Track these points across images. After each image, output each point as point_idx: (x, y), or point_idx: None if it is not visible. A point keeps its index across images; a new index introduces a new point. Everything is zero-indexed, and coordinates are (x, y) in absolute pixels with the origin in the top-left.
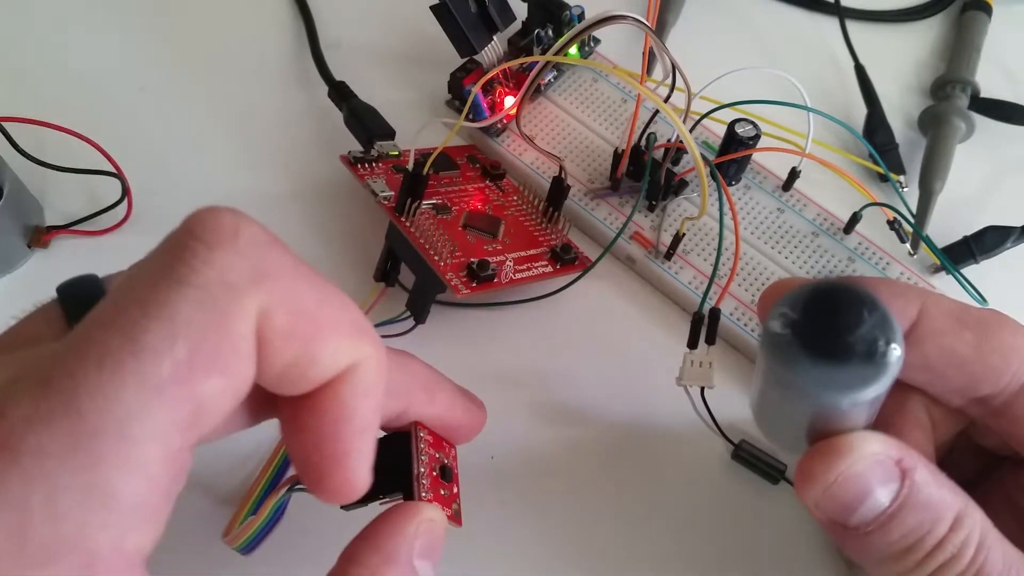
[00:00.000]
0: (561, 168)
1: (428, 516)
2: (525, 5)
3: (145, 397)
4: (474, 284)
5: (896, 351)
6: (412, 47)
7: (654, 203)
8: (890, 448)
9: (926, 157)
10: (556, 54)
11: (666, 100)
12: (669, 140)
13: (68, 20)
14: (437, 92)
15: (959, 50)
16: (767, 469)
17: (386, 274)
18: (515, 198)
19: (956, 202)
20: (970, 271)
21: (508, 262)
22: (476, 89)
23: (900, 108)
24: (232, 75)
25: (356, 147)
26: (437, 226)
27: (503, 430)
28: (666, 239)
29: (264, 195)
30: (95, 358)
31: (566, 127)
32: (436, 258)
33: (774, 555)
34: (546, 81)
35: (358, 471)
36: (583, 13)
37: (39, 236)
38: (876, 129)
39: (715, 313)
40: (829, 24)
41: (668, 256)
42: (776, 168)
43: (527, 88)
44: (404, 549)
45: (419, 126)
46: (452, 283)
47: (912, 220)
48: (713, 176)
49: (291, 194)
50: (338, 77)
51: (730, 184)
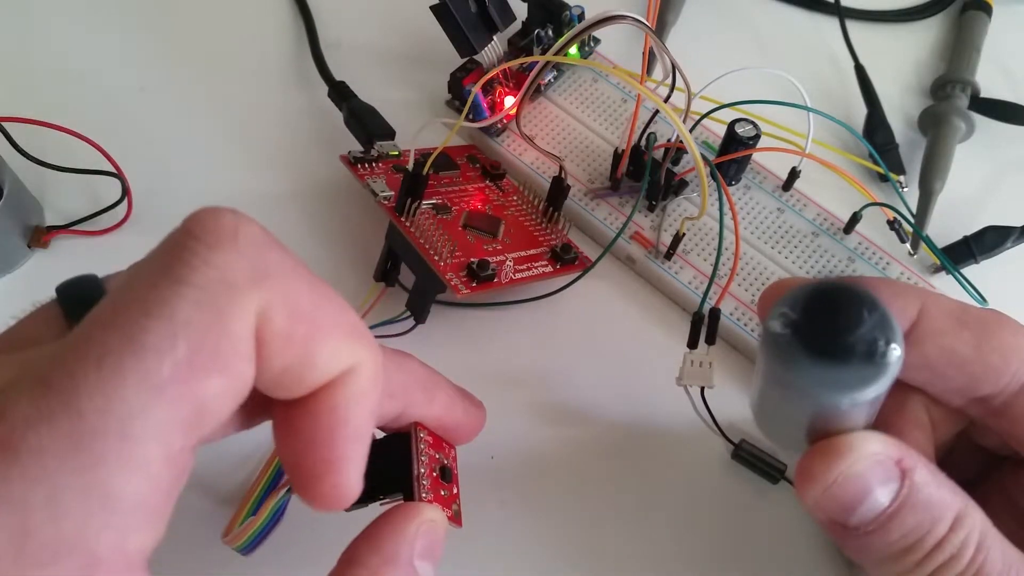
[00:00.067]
0: (561, 168)
1: (428, 517)
2: (525, 5)
3: (145, 397)
4: (474, 284)
5: (896, 351)
6: (412, 47)
7: (654, 203)
8: (890, 448)
9: (926, 157)
10: (556, 54)
11: (666, 100)
12: (669, 140)
13: (68, 20)
14: (437, 92)
15: (959, 50)
16: (767, 469)
17: (386, 274)
18: (515, 198)
19: (956, 202)
20: (970, 271)
21: (508, 262)
22: (476, 89)
23: (900, 108)
24: (232, 75)
25: (356, 147)
26: (437, 226)
27: (503, 430)
28: (666, 239)
29: (264, 195)
30: (95, 358)
31: (566, 127)
32: (436, 258)
33: (774, 555)
34: (546, 81)
35: (350, 477)
36: (583, 13)
37: (39, 236)
38: (876, 129)
39: (715, 313)
40: (829, 24)
41: (668, 256)
42: (776, 168)
43: (527, 88)
44: (404, 550)
45: (419, 126)
46: (452, 283)
47: (912, 220)
48: (713, 176)
49: (291, 194)
50: (338, 77)
51: (730, 184)
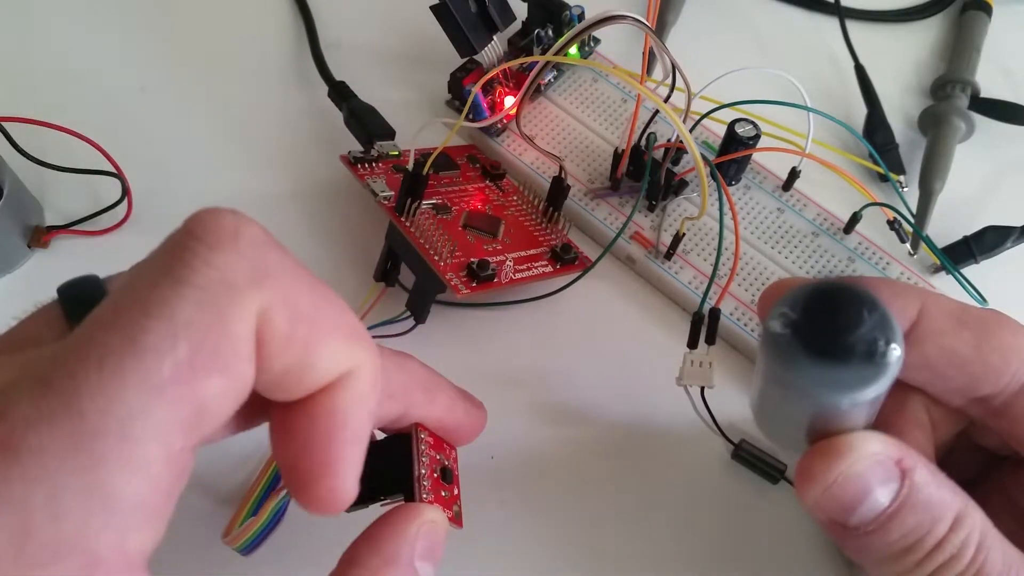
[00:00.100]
0: (561, 168)
1: (429, 518)
2: (525, 5)
3: (146, 397)
4: (474, 284)
5: (896, 351)
6: (412, 47)
7: (654, 203)
8: (890, 448)
9: (926, 157)
10: (556, 54)
11: (666, 100)
12: (669, 140)
13: (68, 20)
14: (437, 92)
15: (959, 50)
16: (767, 469)
17: (386, 274)
18: (515, 198)
19: (956, 202)
20: (970, 271)
21: (508, 262)
22: (476, 89)
23: (900, 108)
24: (232, 75)
25: (356, 147)
26: (437, 226)
27: (503, 430)
28: (666, 239)
29: (264, 195)
30: (96, 358)
31: (566, 127)
32: (436, 258)
33: (774, 555)
34: (546, 81)
35: (346, 481)
36: (583, 13)
37: (39, 236)
38: (876, 129)
39: (715, 313)
40: (829, 24)
41: (668, 256)
42: (776, 168)
43: (527, 88)
44: (405, 551)
45: (419, 126)
46: (452, 283)
47: (912, 220)
48: (713, 176)
49: (291, 194)
50: (338, 77)
51: (730, 184)
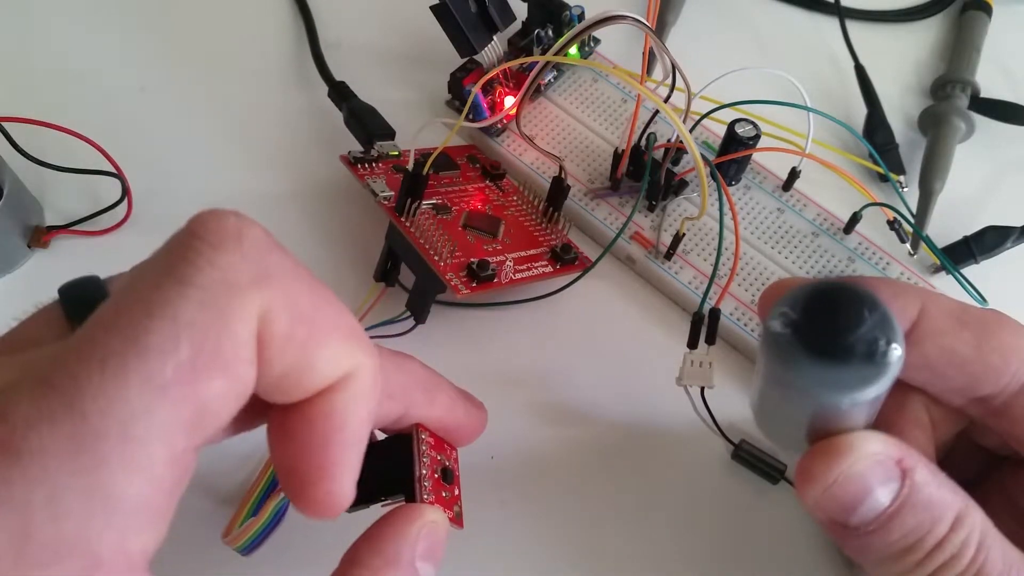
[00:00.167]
0: (561, 168)
1: (430, 518)
2: (525, 5)
3: (148, 398)
4: (474, 284)
5: (896, 351)
6: (412, 47)
7: (654, 203)
8: (890, 448)
9: (926, 157)
10: (556, 54)
11: (666, 100)
12: (669, 140)
13: (68, 20)
14: (437, 92)
15: (959, 50)
16: (767, 469)
17: (386, 274)
18: (515, 198)
19: (956, 202)
20: (970, 271)
21: (508, 262)
22: (476, 89)
23: (900, 108)
24: (232, 75)
25: (356, 147)
26: (437, 226)
27: (503, 430)
28: (666, 239)
29: (264, 195)
30: (98, 359)
31: (566, 127)
32: (436, 258)
33: (774, 555)
34: (546, 81)
35: (343, 484)
36: (583, 13)
37: (39, 236)
38: (876, 129)
39: (715, 313)
40: (829, 24)
41: (668, 256)
42: (776, 168)
43: (527, 88)
44: (406, 551)
45: (419, 126)
46: (452, 283)
47: (912, 220)
48: (713, 176)
49: (291, 194)
50: (338, 77)
51: (730, 184)
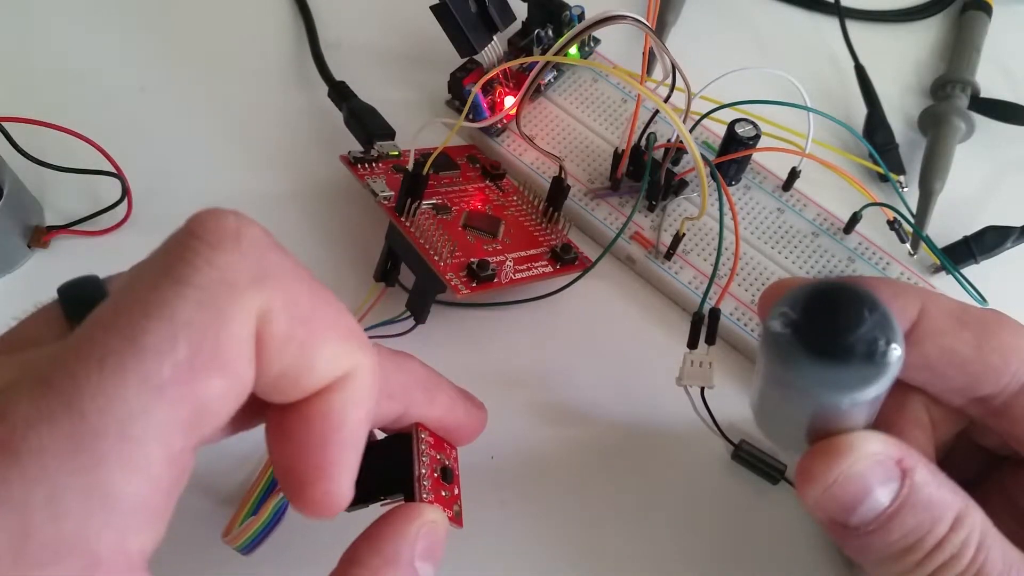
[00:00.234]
0: (561, 168)
1: (430, 518)
2: (525, 5)
3: (146, 397)
4: (474, 284)
5: (896, 351)
6: (412, 47)
7: (654, 203)
8: (890, 448)
9: (926, 157)
10: (556, 54)
11: (666, 100)
12: (669, 140)
13: (68, 20)
14: (437, 92)
15: (959, 50)
16: (767, 469)
17: (386, 274)
18: (515, 198)
19: (956, 202)
20: (970, 271)
21: (508, 262)
22: (476, 89)
23: (900, 108)
24: (232, 75)
25: (356, 147)
26: (437, 226)
27: (503, 430)
28: (666, 239)
29: (264, 195)
30: (96, 359)
31: (566, 127)
32: (436, 258)
33: (774, 555)
34: (546, 81)
35: (341, 484)
36: (583, 13)
37: (39, 236)
38: (876, 129)
39: (715, 313)
40: (829, 24)
41: (668, 256)
42: (776, 168)
43: (527, 88)
44: (405, 551)
45: (419, 126)
46: (452, 283)
47: (912, 220)
48: (713, 176)
49: (291, 194)
50: (338, 77)
51: (730, 184)
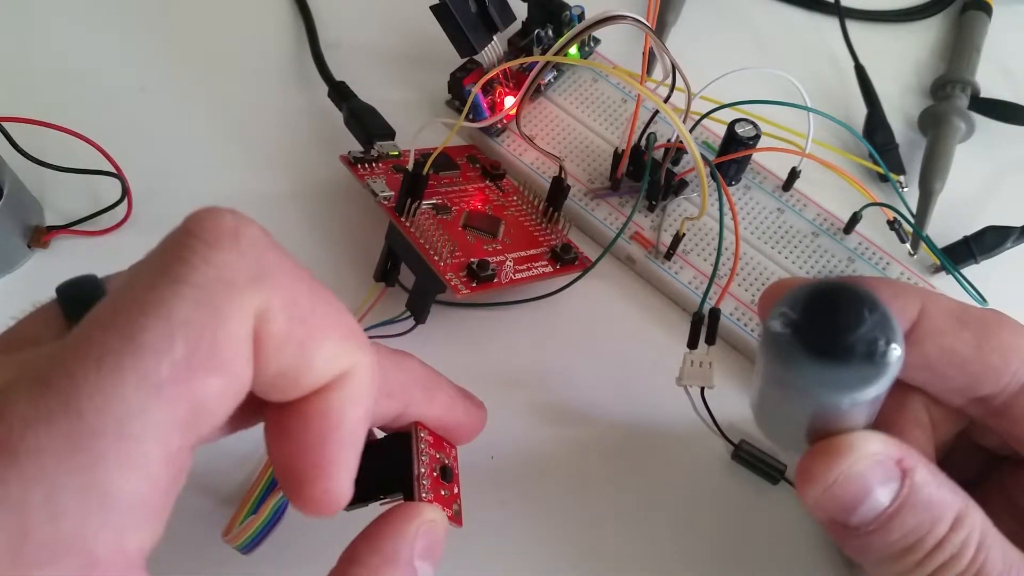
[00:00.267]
0: (561, 168)
1: (429, 517)
2: (525, 5)
3: (144, 396)
4: (474, 284)
5: (896, 351)
6: (412, 47)
7: (654, 203)
8: (890, 448)
9: (926, 157)
10: (556, 54)
11: (666, 100)
12: (669, 140)
13: (68, 20)
14: (437, 92)
15: (959, 50)
16: (767, 469)
17: (386, 274)
18: (515, 198)
19: (956, 202)
20: (970, 271)
21: (508, 262)
22: (476, 89)
23: (900, 108)
24: (232, 75)
25: (356, 147)
26: (437, 226)
27: (503, 430)
28: (666, 239)
29: (264, 195)
30: (94, 358)
31: (566, 127)
32: (436, 258)
33: (774, 555)
34: (546, 81)
35: (340, 483)
36: (583, 13)
37: (39, 236)
38: (876, 129)
39: (715, 313)
40: (829, 24)
41: (668, 256)
42: (776, 168)
43: (527, 88)
44: (404, 550)
45: (419, 126)
46: (452, 283)
47: (912, 220)
48: (713, 176)
49: (291, 194)
50: (338, 77)
51: (730, 184)
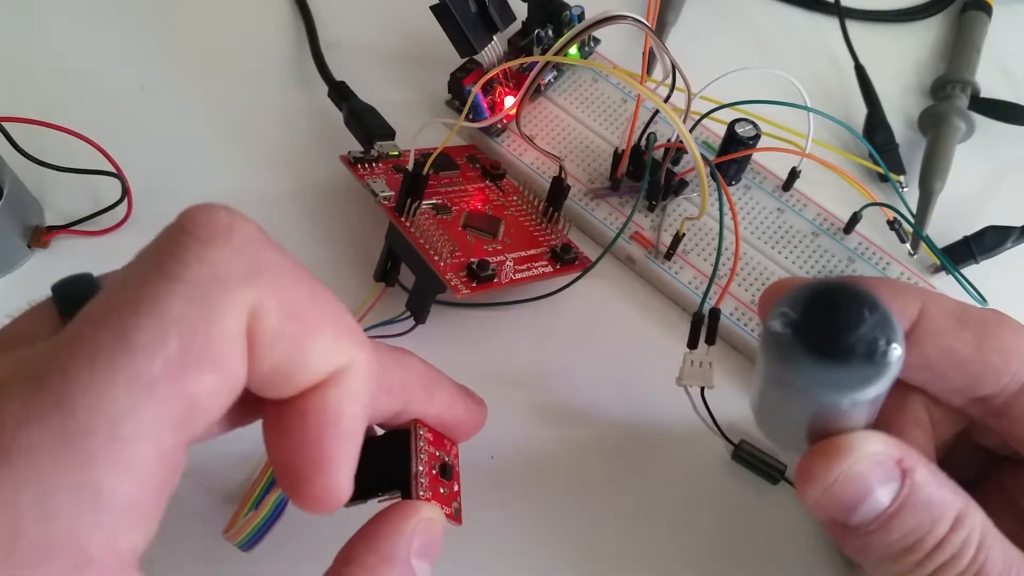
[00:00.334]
0: (561, 168)
1: (426, 515)
2: (525, 5)
3: (137, 395)
4: (474, 284)
5: (896, 351)
6: (412, 47)
7: (654, 203)
8: (890, 448)
9: (926, 157)
10: (556, 54)
11: (666, 100)
12: (669, 140)
13: (68, 20)
14: (437, 92)
15: (959, 50)
16: (767, 469)
17: (386, 274)
18: (515, 198)
19: (956, 202)
20: (970, 271)
21: (508, 262)
22: (476, 89)
23: (900, 108)
24: (232, 75)
25: (356, 147)
26: (437, 226)
27: (503, 430)
28: (666, 239)
29: (264, 195)
30: (87, 356)
31: (566, 127)
32: (436, 258)
33: (774, 555)
34: (546, 81)
35: (339, 479)
36: (583, 13)
37: (39, 236)
38: (876, 129)
39: (715, 313)
40: (829, 24)
41: (668, 256)
42: (776, 168)
43: (527, 88)
44: (401, 548)
45: (419, 126)
46: (452, 283)
47: (912, 220)
48: (713, 176)
49: (291, 194)
50: (338, 77)
51: (730, 184)
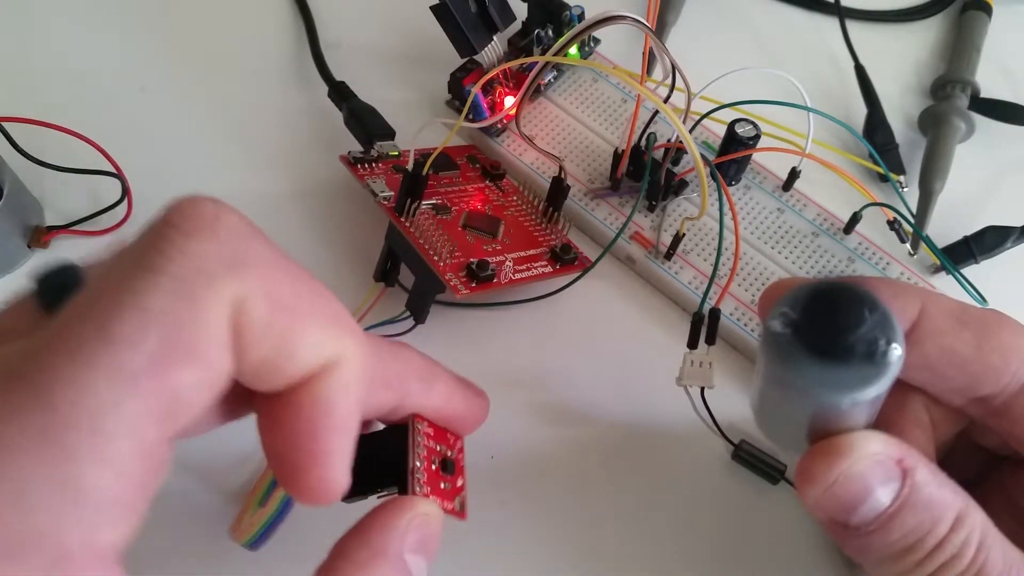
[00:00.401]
0: (561, 168)
1: (422, 511)
2: (525, 5)
3: (118, 389)
4: (474, 284)
5: (897, 351)
6: (412, 47)
7: (654, 203)
8: (891, 448)
9: (926, 157)
10: (556, 54)
11: (666, 100)
12: (669, 140)
13: (68, 20)
14: (437, 92)
15: (959, 50)
16: (767, 469)
17: (386, 274)
18: (515, 198)
19: (956, 202)
20: (970, 271)
21: (508, 262)
22: (476, 89)
23: (900, 108)
24: (232, 75)
25: (356, 147)
26: (437, 226)
27: (503, 430)
28: (666, 239)
29: (264, 195)
30: (68, 349)
31: (566, 127)
32: (436, 258)
33: (774, 555)
34: (546, 81)
35: (335, 470)
36: (583, 13)
37: (39, 236)
38: (876, 129)
39: (715, 313)
40: (829, 24)
41: (668, 256)
42: (776, 168)
43: (527, 88)
44: (394, 543)
45: (419, 126)
46: (452, 283)
47: (912, 220)
48: (713, 176)
49: (291, 194)
50: (338, 77)
51: (730, 184)
